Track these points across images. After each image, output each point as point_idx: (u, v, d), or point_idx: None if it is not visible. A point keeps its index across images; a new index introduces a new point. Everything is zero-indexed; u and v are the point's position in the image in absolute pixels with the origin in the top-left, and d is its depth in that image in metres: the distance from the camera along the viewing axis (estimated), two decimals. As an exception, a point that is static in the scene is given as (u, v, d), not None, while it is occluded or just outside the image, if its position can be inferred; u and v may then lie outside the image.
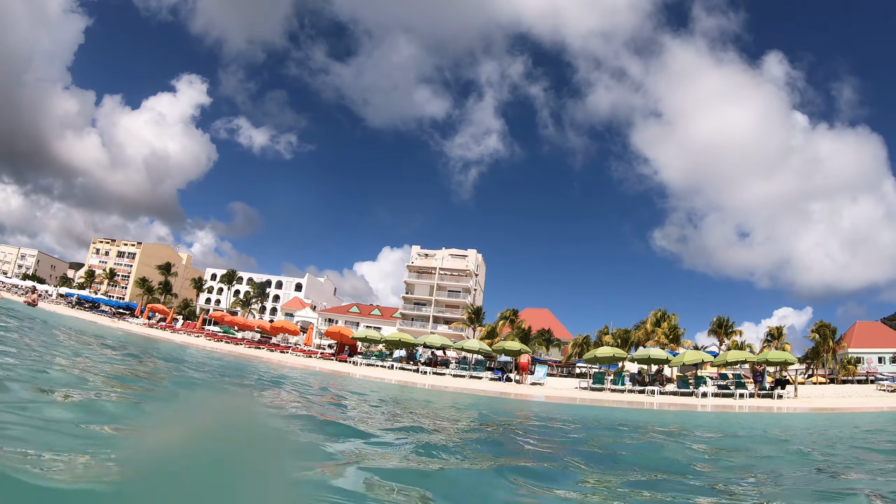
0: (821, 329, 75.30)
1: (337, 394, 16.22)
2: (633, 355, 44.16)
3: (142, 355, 20.94)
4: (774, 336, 75.03)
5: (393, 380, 38.40)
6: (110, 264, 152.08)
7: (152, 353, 24.99)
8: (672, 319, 75.57)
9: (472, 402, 23.47)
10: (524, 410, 18.47)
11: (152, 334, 54.67)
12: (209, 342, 54.97)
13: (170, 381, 12.34)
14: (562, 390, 38.61)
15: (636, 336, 77.67)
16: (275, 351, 53.33)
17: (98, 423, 5.83)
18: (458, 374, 43.85)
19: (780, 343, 73.31)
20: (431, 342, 49.56)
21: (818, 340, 75.34)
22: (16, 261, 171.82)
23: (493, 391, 35.45)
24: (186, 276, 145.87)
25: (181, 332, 64.57)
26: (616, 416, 19.72)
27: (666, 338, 73.28)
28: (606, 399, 33.79)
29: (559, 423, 13.94)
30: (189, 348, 40.03)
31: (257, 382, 15.32)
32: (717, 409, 30.20)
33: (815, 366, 78.30)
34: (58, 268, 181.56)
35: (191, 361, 22.57)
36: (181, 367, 18.25)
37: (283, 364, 39.97)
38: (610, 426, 13.62)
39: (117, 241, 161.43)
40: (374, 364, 47.41)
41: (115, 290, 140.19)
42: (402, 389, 29.72)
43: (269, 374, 22.86)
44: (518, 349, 47.40)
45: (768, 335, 76.15)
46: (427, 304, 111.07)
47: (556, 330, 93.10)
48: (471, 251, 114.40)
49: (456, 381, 40.47)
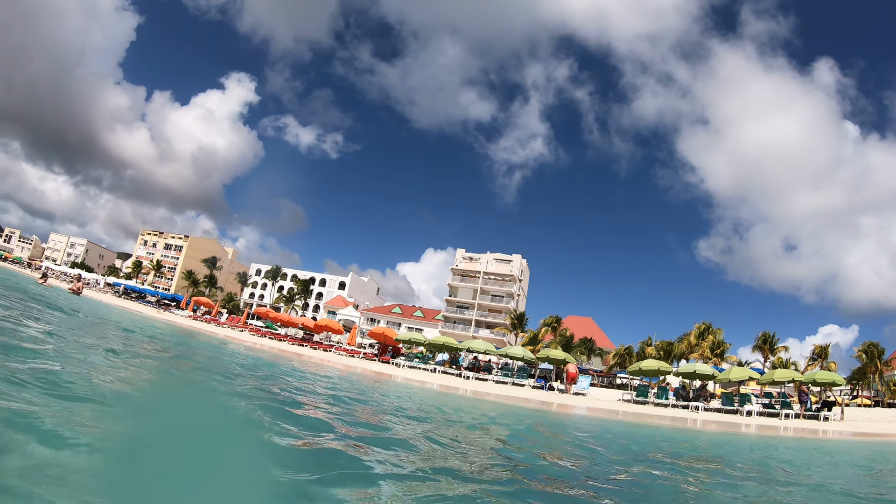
0: (869, 349, 73.53)
1: (375, 408, 16.16)
2: (679, 369, 43.70)
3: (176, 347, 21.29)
4: (820, 354, 73.68)
5: (435, 384, 38.53)
6: (157, 256, 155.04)
7: (192, 346, 25.46)
8: (718, 334, 74.62)
9: (513, 414, 23.37)
10: (564, 431, 18.00)
11: (196, 327, 55.50)
12: (252, 337, 55.65)
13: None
14: (604, 402, 38.45)
15: (679, 349, 76.88)
16: (317, 349, 53.78)
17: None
18: (501, 381, 43.85)
19: (825, 362, 71.98)
20: (475, 347, 49.64)
21: (865, 360, 73.74)
22: (65, 249, 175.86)
23: (536, 400, 35.42)
24: (231, 271, 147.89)
25: (225, 325, 65.45)
26: (661, 439, 19.39)
27: (711, 352, 72.47)
28: (649, 413, 33.59)
29: (600, 446, 13.67)
30: (231, 343, 40.60)
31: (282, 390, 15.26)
32: (762, 429, 29.74)
33: (860, 387, 76.72)
34: (106, 257, 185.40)
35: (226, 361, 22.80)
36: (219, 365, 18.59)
37: (325, 363, 40.32)
38: (654, 454, 13.28)
39: (165, 233, 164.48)
40: (417, 366, 47.62)
41: (161, 282, 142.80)
42: (443, 395, 29.84)
43: (303, 378, 22.80)
44: (562, 358, 47.27)
45: (814, 353, 74.71)
46: (470, 307, 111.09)
47: (599, 339, 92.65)
48: (515, 256, 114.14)
49: (498, 387, 40.49)
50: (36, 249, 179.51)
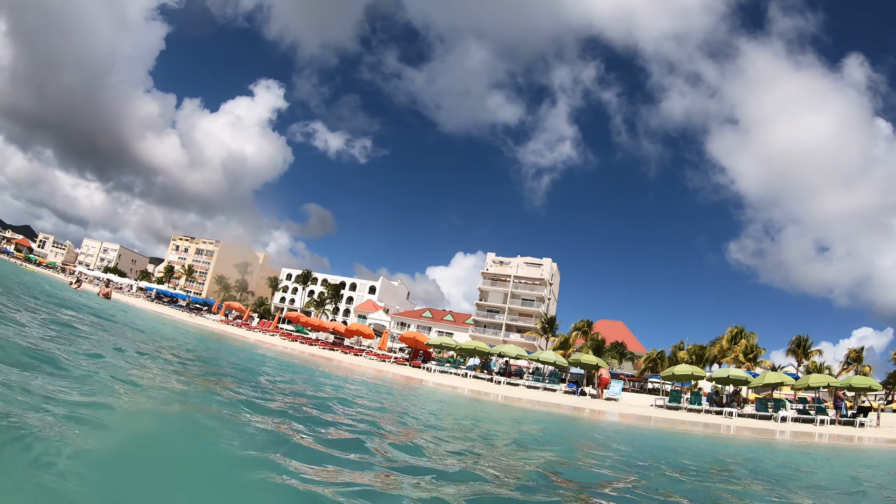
0: (904, 352, 72.56)
1: (398, 411, 16.12)
2: (712, 374, 43.34)
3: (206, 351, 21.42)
4: (854, 358, 72.50)
5: (466, 389, 38.56)
6: (189, 261, 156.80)
7: (222, 350, 25.66)
8: (751, 339, 73.82)
9: (542, 422, 23.30)
10: (595, 440, 17.63)
11: (228, 331, 56.00)
12: (283, 341, 56.04)
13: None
14: (637, 407, 38.30)
15: (711, 353, 76.16)
16: (348, 353, 54.01)
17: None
18: (532, 386, 43.81)
19: (860, 366, 70.85)
20: (507, 352, 49.64)
21: (900, 365, 72.63)
22: (98, 254, 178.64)
23: (567, 405, 35.35)
24: (262, 275, 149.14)
25: (256, 329, 65.99)
26: (697, 450, 19.16)
27: (744, 357, 71.72)
28: (682, 419, 33.34)
29: (637, 460, 13.44)
30: (261, 347, 40.86)
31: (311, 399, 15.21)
32: (796, 436, 29.39)
33: (895, 392, 75.52)
34: (138, 262, 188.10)
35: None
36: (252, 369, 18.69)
37: (356, 367, 40.45)
38: (688, 469, 13.03)
39: (196, 238, 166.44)
40: (448, 371, 47.65)
41: (193, 286, 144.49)
42: (475, 401, 29.88)
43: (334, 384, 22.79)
44: (594, 363, 47.12)
45: (848, 357, 73.50)
46: (500, 311, 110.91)
47: (630, 343, 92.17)
48: (546, 260, 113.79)
49: (530, 392, 40.47)
50: (69, 255, 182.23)
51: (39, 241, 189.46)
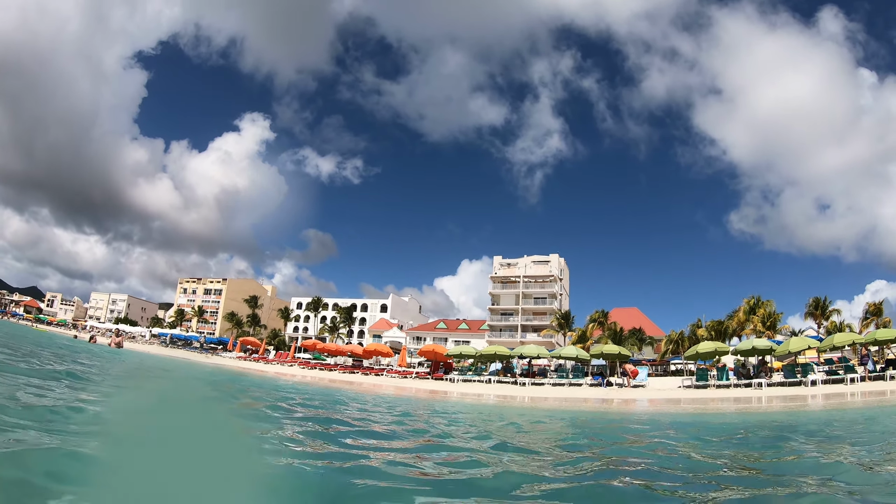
0: (923, 300, 72.02)
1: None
2: (736, 347, 42.89)
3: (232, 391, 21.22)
4: (874, 312, 71.87)
5: (492, 395, 38.36)
6: (198, 302, 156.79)
7: (244, 385, 25.46)
8: (768, 306, 73.38)
9: (569, 420, 22.99)
10: (629, 431, 16.90)
11: (246, 367, 55.98)
12: (302, 370, 55.92)
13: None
14: (664, 391, 37.98)
15: (730, 326, 75.74)
16: (369, 374, 53.84)
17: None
18: (558, 383, 43.50)
19: (879, 319, 70.28)
20: (527, 352, 49.35)
21: (920, 312, 72.00)
22: (107, 306, 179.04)
23: (595, 398, 35.13)
24: (273, 307, 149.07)
25: (274, 362, 65.92)
26: (748, 424, 18.73)
27: (763, 325, 71.36)
28: (712, 397, 33.14)
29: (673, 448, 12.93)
30: (282, 378, 40.71)
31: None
32: (828, 398, 29.18)
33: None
34: (148, 309, 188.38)
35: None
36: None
37: (379, 387, 40.28)
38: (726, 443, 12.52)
39: (203, 279, 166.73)
40: (471, 379, 47.39)
41: (205, 327, 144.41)
42: (501, 407, 29.65)
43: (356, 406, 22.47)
44: (616, 352, 46.91)
45: (867, 312, 72.87)
46: (514, 313, 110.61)
47: (647, 328, 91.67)
48: (553, 256, 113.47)
49: (556, 390, 40.24)
50: (79, 310, 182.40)
51: (47, 301, 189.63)
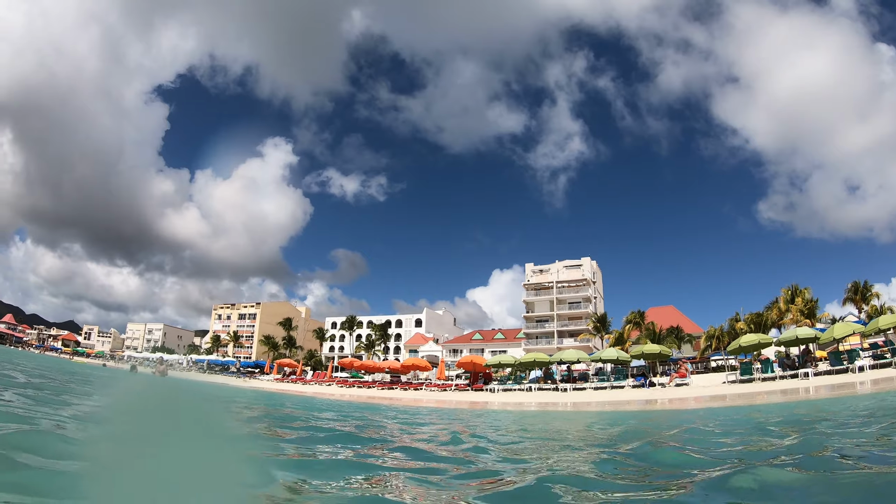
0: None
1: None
2: (780, 338, 42.07)
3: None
4: (914, 292, 70.16)
5: (533, 403, 38.09)
6: (233, 327, 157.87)
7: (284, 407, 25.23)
8: (806, 294, 72.01)
9: (616, 424, 22.51)
10: (682, 435, 16.15)
11: (284, 388, 56.15)
12: (341, 389, 55.99)
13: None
14: (709, 388, 37.36)
15: (769, 318, 74.50)
16: (408, 389, 53.73)
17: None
18: (599, 387, 43.05)
19: (921, 299, 68.60)
20: (567, 357, 48.95)
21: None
22: (144, 336, 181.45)
23: (639, 400, 34.71)
24: (307, 328, 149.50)
25: (312, 382, 66.01)
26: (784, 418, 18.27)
27: (802, 314, 70.08)
28: (758, 391, 32.53)
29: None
30: (319, 398, 40.60)
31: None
32: (876, 383, 28.46)
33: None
34: (184, 337, 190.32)
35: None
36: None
37: (418, 402, 40.05)
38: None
39: (236, 304, 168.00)
40: (512, 388, 47.09)
41: (241, 351, 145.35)
42: (542, 414, 29.28)
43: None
44: (657, 351, 46.38)
45: (907, 292, 71.13)
46: (549, 320, 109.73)
47: (685, 325, 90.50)
48: (584, 259, 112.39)
49: (598, 394, 39.86)
50: (116, 341, 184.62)
51: (85, 333, 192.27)
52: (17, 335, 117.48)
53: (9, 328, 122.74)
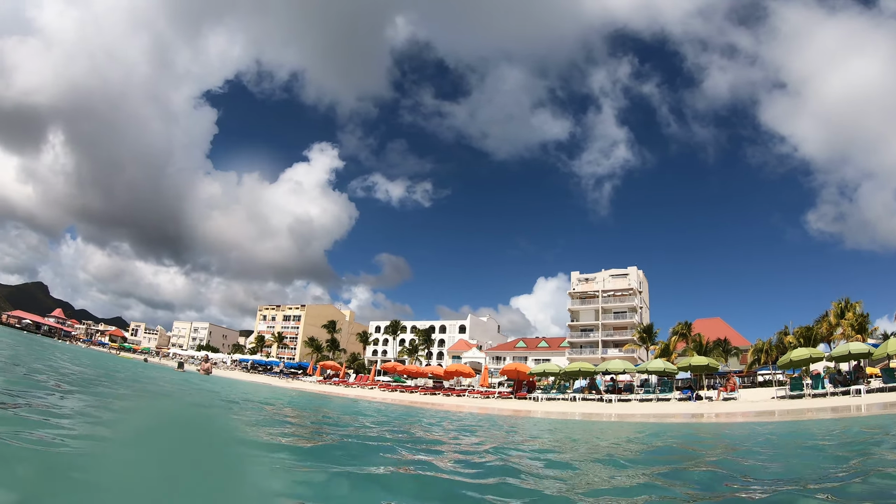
0: None
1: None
2: (832, 353, 41.16)
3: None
4: (972, 308, 68.18)
5: (577, 413, 37.79)
6: (277, 328, 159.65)
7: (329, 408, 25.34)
8: (857, 308, 70.38)
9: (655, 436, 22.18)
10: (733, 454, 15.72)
11: (327, 390, 56.42)
12: (383, 393, 56.13)
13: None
14: (758, 402, 36.75)
15: (819, 332, 73.03)
16: (451, 395, 53.74)
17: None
18: (645, 399, 42.63)
19: (976, 313, 66.71)
20: (613, 368, 48.55)
21: None
22: (189, 334, 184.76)
23: (685, 414, 34.26)
24: (351, 332, 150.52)
25: (355, 385, 66.41)
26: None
27: (852, 329, 68.58)
28: (808, 408, 31.82)
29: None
30: (362, 401, 40.65)
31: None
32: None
33: None
34: (229, 336, 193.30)
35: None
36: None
37: (461, 408, 39.95)
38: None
39: (281, 305, 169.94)
40: (555, 398, 46.86)
41: (285, 352, 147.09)
42: (586, 424, 29.07)
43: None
44: (705, 364, 45.69)
45: (962, 308, 69.07)
46: (594, 329, 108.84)
47: (732, 338, 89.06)
48: (631, 268, 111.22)
49: (643, 406, 39.48)
50: (162, 338, 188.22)
51: (132, 330, 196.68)
52: (65, 329, 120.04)
53: (58, 322, 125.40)
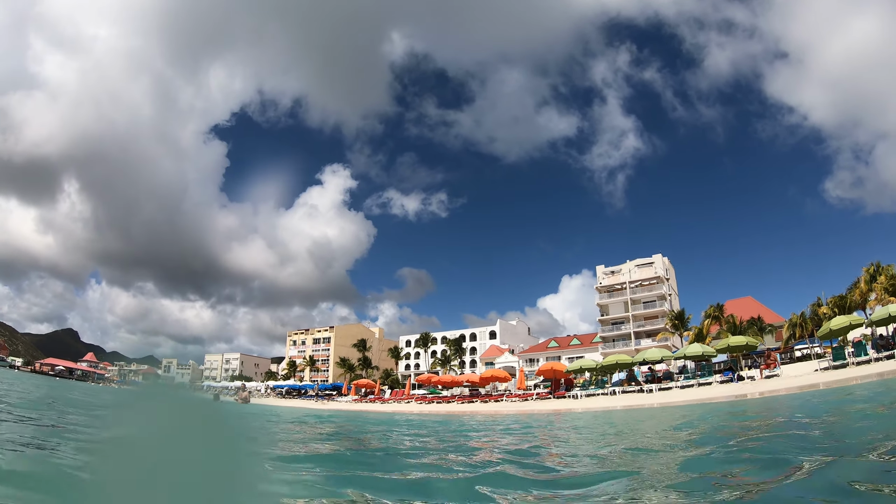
0: None
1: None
2: (871, 317, 40.27)
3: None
4: None
5: (618, 406, 37.52)
6: (308, 352, 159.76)
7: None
8: (889, 270, 69.20)
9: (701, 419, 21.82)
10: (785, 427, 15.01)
11: (363, 409, 56.35)
12: (420, 406, 55.96)
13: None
14: (801, 377, 36.15)
15: (853, 300, 71.96)
16: (488, 401, 53.46)
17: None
18: (686, 385, 42.15)
19: None
20: (650, 357, 48.03)
21: None
22: (222, 366, 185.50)
23: (728, 396, 33.84)
24: (382, 348, 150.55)
25: (391, 401, 66.28)
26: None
27: (886, 293, 67.48)
28: (854, 375, 31.31)
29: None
30: (399, 415, 40.48)
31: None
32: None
33: None
34: (261, 364, 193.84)
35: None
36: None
37: (498, 413, 39.61)
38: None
39: (310, 329, 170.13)
40: (595, 393, 46.47)
41: (318, 375, 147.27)
42: (627, 415, 28.77)
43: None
44: (744, 343, 45.16)
45: None
46: (624, 321, 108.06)
47: (765, 315, 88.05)
48: (656, 256, 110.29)
49: (685, 393, 39.08)
50: (195, 372, 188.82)
51: (164, 367, 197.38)
52: (98, 372, 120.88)
53: (90, 366, 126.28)
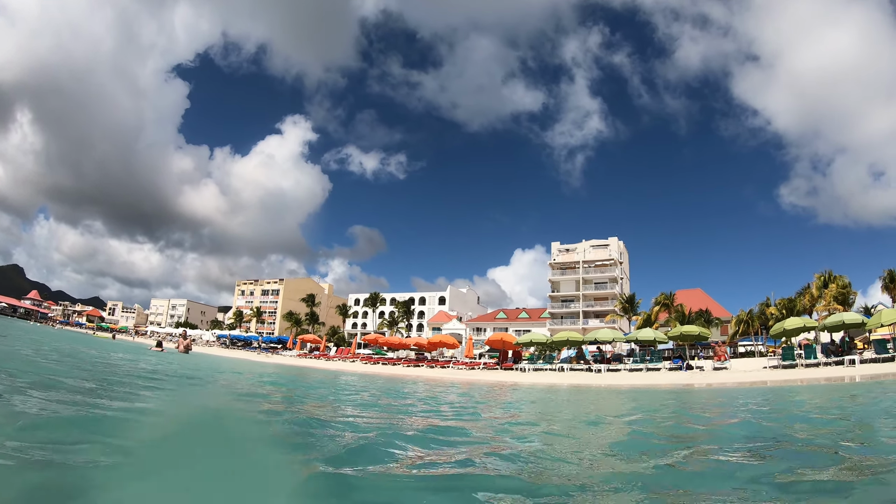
0: None
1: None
2: (826, 322, 40.53)
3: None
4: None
5: (565, 384, 37.22)
6: (256, 303, 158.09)
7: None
8: (842, 280, 70.20)
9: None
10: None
11: (306, 364, 55.57)
12: (365, 366, 55.31)
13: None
14: (750, 373, 36.26)
15: (801, 304, 72.98)
16: (435, 367, 53.04)
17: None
18: (635, 369, 42.11)
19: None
20: (602, 337, 48.06)
21: None
22: (167, 311, 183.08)
23: (678, 384, 33.77)
24: (330, 305, 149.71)
25: (335, 358, 65.45)
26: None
27: (835, 301, 68.51)
28: (799, 378, 31.41)
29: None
30: (344, 374, 39.80)
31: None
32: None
33: None
34: (207, 313, 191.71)
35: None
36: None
37: (443, 380, 39.03)
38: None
39: (259, 280, 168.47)
40: (542, 368, 46.23)
41: (264, 327, 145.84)
42: (576, 393, 28.43)
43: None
44: (696, 332, 45.32)
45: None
46: (575, 300, 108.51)
47: (713, 309, 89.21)
48: (612, 239, 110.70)
49: (633, 376, 38.98)
50: (140, 317, 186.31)
51: (109, 309, 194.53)
52: (41, 311, 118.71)
53: (34, 304, 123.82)
